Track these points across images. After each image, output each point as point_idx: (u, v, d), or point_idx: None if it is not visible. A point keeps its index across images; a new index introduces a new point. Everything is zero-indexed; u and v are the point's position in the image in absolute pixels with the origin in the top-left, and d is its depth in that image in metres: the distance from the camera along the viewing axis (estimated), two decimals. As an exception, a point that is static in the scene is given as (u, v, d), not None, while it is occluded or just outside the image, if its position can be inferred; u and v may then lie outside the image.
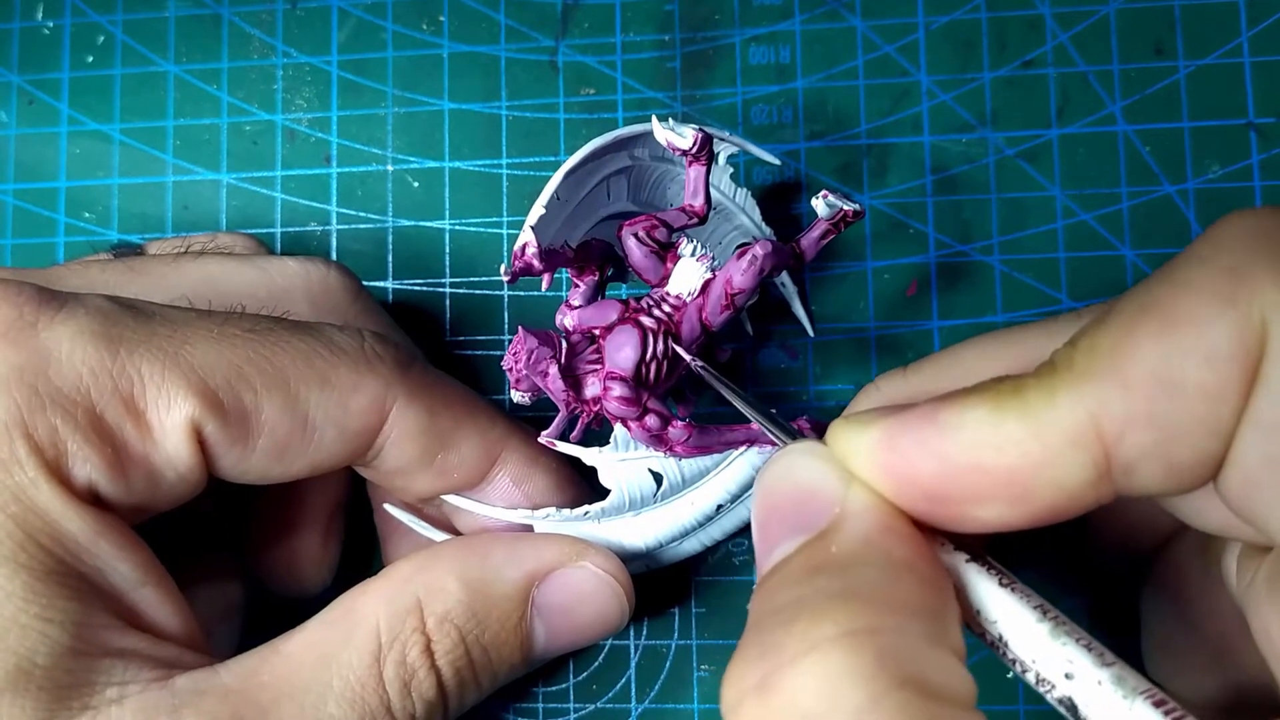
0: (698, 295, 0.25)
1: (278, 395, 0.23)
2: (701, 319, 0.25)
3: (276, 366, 0.23)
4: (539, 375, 0.24)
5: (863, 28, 0.30)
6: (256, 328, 0.23)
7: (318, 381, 0.23)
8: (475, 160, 0.31)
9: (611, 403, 0.25)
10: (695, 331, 0.25)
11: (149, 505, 0.23)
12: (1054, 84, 0.29)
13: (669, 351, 0.25)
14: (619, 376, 0.25)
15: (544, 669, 0.29)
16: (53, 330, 0.21)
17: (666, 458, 0.26)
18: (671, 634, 0.29)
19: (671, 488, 0.26)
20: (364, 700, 0.22)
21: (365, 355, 0.24)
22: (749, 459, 0.26)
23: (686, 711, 0.29)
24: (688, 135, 0.24)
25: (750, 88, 0.30)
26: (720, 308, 0.25)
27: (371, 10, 0.32)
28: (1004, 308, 0.29)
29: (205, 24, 0.33)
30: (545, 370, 0.24)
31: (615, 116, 0.31)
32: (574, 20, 0.31)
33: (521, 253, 0.24)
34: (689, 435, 0.25)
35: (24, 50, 0.33)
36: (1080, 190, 0.29)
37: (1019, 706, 0.28)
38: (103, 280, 0.25)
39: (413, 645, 0.23)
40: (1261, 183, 0.29)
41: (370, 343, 0.24)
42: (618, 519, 0.26)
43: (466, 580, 0.24)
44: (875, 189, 0.30)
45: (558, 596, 0.25)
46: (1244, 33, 0.29)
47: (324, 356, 0.23)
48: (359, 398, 0.24)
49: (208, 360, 0.22)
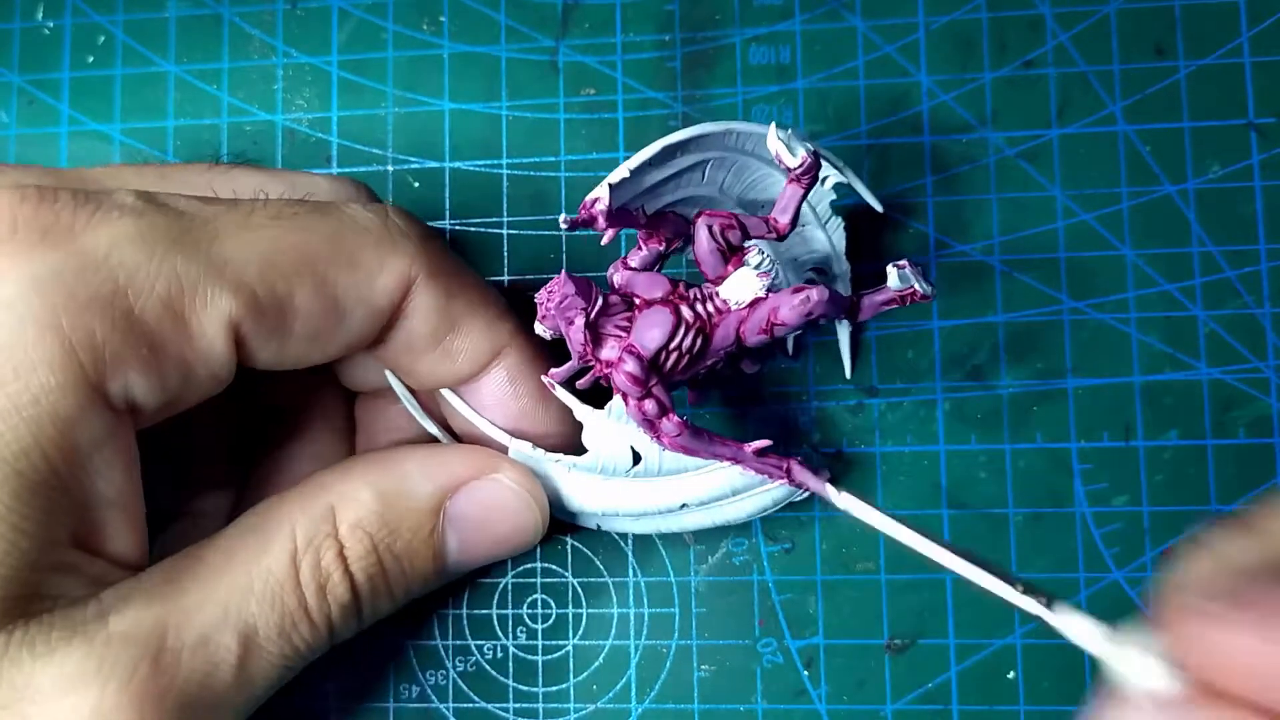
0: (744, 308, 0.25)
1: (309, 281, 0.23)
2: (738, 332, 0.25)
3: (306, 252, 0.23)
4: (565, 321, 0.24)
5: (863, 28, 0.30)
6: (282, 214, 0.23)
7: (346, 263, 0.23)
8: (475, 160, 0.31)
9: (620, 375, 0.24)
10: (729, 340, 0.25)
11: (178, 404, 0.23)
12: (1054, 84, 0.29)
13: (695, 348, 0.25)
14: (637, 353, 0.24)
15: (544, 670, 0.29)
16: (91, 233, 0.21)
17: (652, 443, 0.26)
18: (672, 634, 0.29)
19: (646, 471, 0.26)
20: (283, 601, 0.23)
21: (389, 232, 0.24)
22: (729, 474, 0.26)
23: (686, 712, 0.29)
24: (798, 155, 0.24)
25: (750, 88, 0.30)
26: (758, 330, 0.25)
27: (372, 10, 0.32)
28: (1004, 308, 0.29)
29: (205, 24, 0.33)
30: (572, 319, 0.24)
31: (616, 116, 0.31)
32: (574, 20, 0.31)
33: (590, 205, 0.24)
34: (680, 433, 0.25)
35: (24, 50, 0.33)
36: (1080, 190, 0.29)
37: (1019, 706, 0.28)
38: (137, 183, 0.25)
39: (327, 549, 0.24)
40: (1262, 183, 0.29)
41: (393, 218, 0.24)
42: (586, 476, 0.26)
43: (380, 490, 0.25)
44: (875, 189, 0.30)
45: (471, 509, 0.26)
46: (1244, 33, 0.29)
47: (350, 236, 0.24)
48: (386, 276, 0.24)
49: (241, 253, 0.22)
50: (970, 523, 0.28)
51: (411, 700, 0.30)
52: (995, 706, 0.28)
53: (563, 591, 0.30)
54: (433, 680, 0.30)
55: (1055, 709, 0.28)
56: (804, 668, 0.29)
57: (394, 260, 0.24)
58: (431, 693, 0.30)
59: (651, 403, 0.25)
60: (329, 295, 0.23)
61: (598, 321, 0.25)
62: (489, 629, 0.30)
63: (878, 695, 0.28)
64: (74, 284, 0.21)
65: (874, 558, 0.29)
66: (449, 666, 0.30)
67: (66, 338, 0.20)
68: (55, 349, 0.20)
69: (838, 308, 0.25)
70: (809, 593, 0.29)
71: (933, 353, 0.29)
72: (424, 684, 0.30)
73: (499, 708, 0.29)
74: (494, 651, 0.30)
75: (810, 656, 0.29)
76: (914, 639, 0.28)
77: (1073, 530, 0.28)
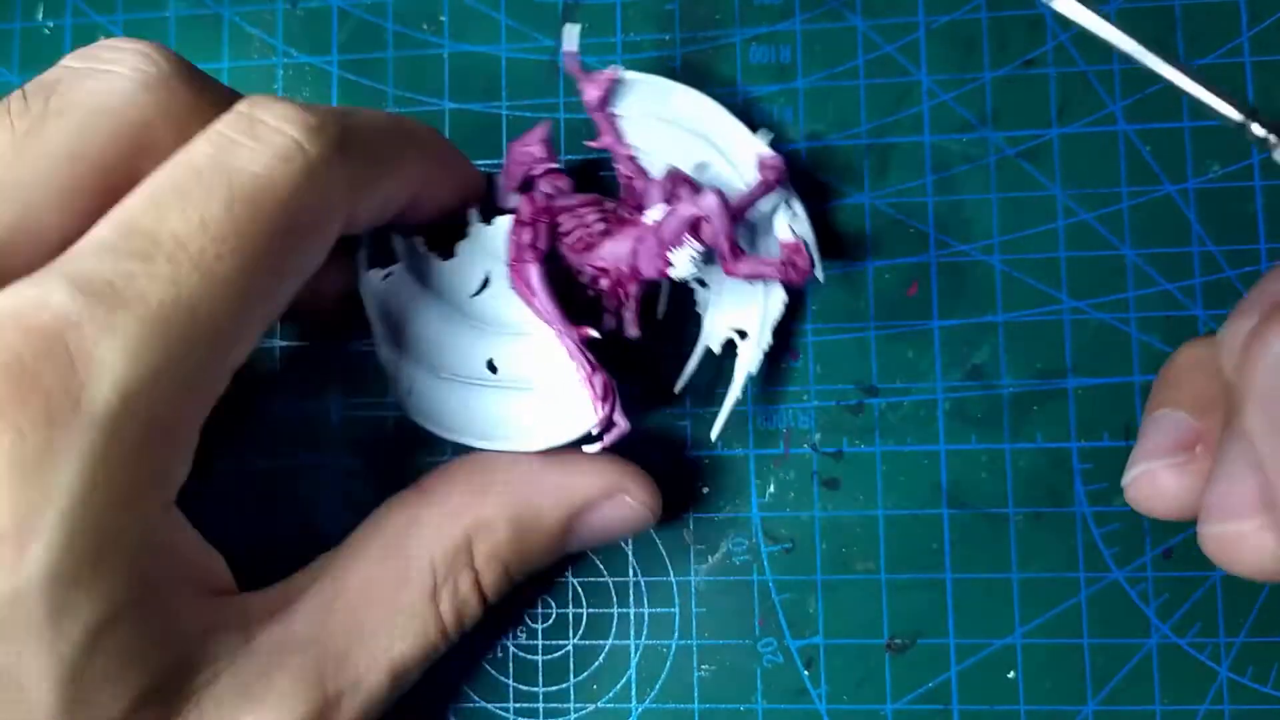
0: (646, 227, 0.26)
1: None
2: (631, 251, 0.26)
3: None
4: (518, 161, 0.28)
5: (863, 27, 0.30)
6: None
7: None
8: (476, 160, 0.31)
9: (527, 199, 0.27)
10: (621, 253, 0.27)
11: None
12: (1054, 84, 0.29)
13: (595, 231, 0.27)
14: (554, 187, 0.28)
15: (544, 669, 0.29)
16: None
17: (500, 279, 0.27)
18: (672, 634, 0.29)
19: (480, 304, 0.28)
20: (426, 635, 0.25)
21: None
22: (547, 356, 0.27)
23: (687, 711, 0.29)
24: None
25: (750, 87, 0.30)
26: (654, 253, 0.26)
27: (372, 10, 0.32)
28: (1004, 307, 0.29)
29: (205, 24, 0.33)
30: (525, 164, 0.28)
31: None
32: (575, 20, 0.31)
33: (605, 78, 0.27)
34: (533, 269, 0.26)
35: (24, 51, 0.33)
36: (1080, 190, 0.29)
37: (1019, 706, 0.28)
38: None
39: (464, 580, 0.25)
40: (1262, 182, 0.28)
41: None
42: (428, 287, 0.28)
43: (514, 519, 0.26)
44: (876, 188, 0.30)
45: (595, 525, 0.27)
46: (1245, 32, 0.29)
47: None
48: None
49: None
50: (970, 522, 0.28)
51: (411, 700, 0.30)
52: (995, 706, 0.28)
53: (562, 591, 0.30)
54: (432, 680, 0.30)
55: (1056, 709, 0.28)
56: (804, 667, 0.29)
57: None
58: (431, 692, 0.30)
59: (528, 230, 0.26)
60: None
61: (538, 177, 0.27)
62: (488, 628, 0.30)
63: (878, 695, 0.28)
64: None
65: (874, 557, 0.29)
66: (448, 666, 0.30)
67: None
68: None
69: (724, 224, 0.25)
70: (809, 592, 0.29)
71: (933, 352, 0.29)
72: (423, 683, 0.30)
73: (499, 707, 0.29)
74: (494, 651, 0.30)
75: (810, 656, 0.29)
76: (914, 639, 0.28)
77: (1073, 530, 0.28)
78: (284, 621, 0.23)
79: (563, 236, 0.27)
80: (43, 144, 0.21)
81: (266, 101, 0.22)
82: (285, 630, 0.23)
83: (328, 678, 0.23)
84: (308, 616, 0.24)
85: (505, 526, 0.26)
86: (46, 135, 0.21)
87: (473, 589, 0.25)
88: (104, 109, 0.22)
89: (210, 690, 0.22)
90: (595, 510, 0.26)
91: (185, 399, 0.20)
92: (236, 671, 0.22)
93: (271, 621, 0.23)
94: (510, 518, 0.26)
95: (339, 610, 0.24)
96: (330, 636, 0.24)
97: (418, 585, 0.25)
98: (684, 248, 0.26)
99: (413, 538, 0.25)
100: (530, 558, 0.26)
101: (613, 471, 0.26)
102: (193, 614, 0.22)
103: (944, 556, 0.28)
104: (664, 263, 0.26)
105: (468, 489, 0.26)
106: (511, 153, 0.28)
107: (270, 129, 0.21)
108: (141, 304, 0.19)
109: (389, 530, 0.26)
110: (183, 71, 0.23)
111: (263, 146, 0.21)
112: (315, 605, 0.24)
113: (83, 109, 0.22)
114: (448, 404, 0.27)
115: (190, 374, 0.20)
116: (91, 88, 0.22)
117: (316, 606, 0.24)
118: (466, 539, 0.25)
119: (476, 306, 0.28)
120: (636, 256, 0.26)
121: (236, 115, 0.22)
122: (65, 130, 0.21)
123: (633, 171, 0.28)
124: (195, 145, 0.21)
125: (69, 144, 0.21)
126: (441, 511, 0.26)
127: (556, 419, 0.26)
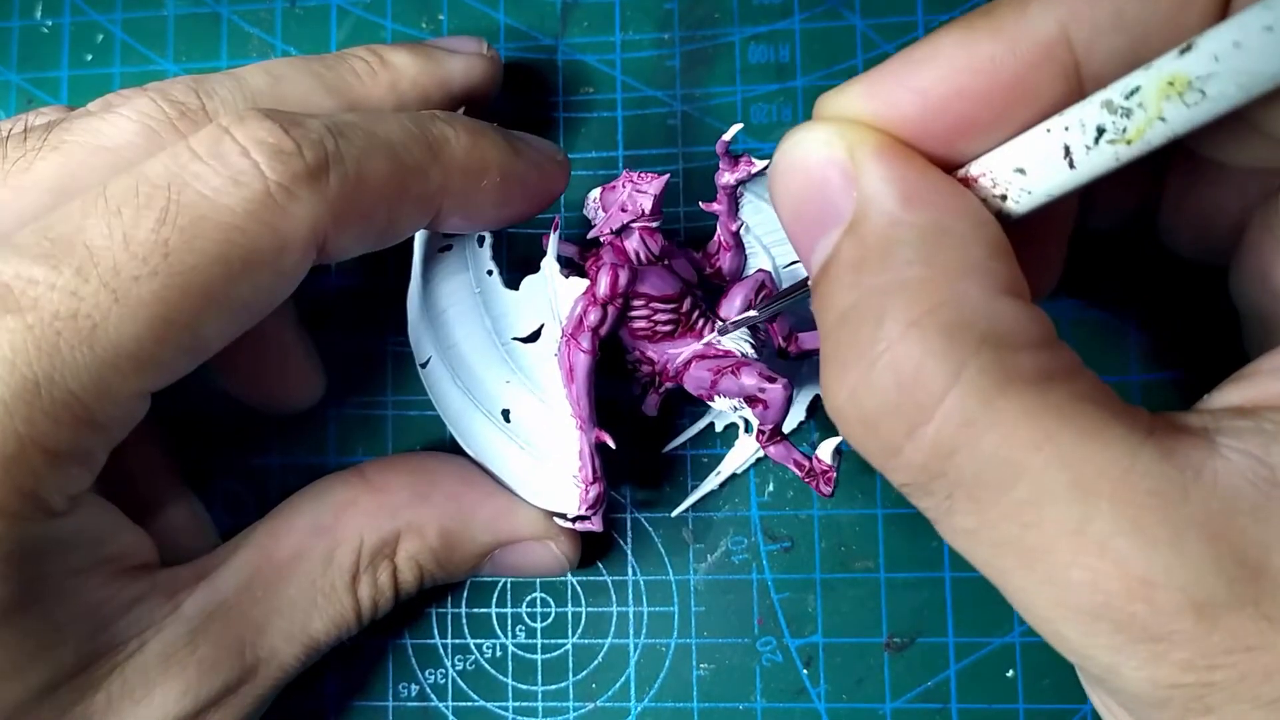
0: (707, 350, 0.26)
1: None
2: (688, 363, 0.26)
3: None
4: (625, 205, 0.26)
5: (862, 26, 0.30)
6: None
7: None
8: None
9: (608, 269, 0.25)
10: (680, 355, 0.27)
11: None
12: (1053, 83, 0.29)
13: (664, 329, 0.26)
14: (634, 269, 0.26)
15: (543, 668, 0.29)
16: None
17: (551, 337, 0.27)
18: (671, 633, 0.29)
19: (523, 354, 0.27)
20: (343, 616, 0.25)
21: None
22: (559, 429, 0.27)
23: (686, 710, 0.29)
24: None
25: (750, 86, 0.30)
26: (705, 382, 0.26)
27: (370, 8, 0.32)
28: (1003, 306, 0.29)
29: (204, 22, 0.33)
30: (627, 207, 0.26)
31: (615, 115, 0.31)
32: (573, 19, 0.31)
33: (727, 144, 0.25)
34: (586, 350, 0.26)
35: (23, 49, 0.33)
36: (1080, 189, 0.29)
37: (1018, 705, 0.28)
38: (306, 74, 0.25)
39: (383, 570, 0.26)
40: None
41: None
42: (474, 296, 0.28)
43: (446, 532, 0.26)
44: (875, 187, 0.30)
45: (513, 557, 0.27)
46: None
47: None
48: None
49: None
50: (969, 521, 0.28)
51: (411, 699, 0.30)
52: (994, 705, 0.28)
53: (562, 590, 0.30)
54: (432, 679, 0.30)
55: (1055, 707, 0.28)
56: (803, 666, 0.29)
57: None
58: (431, 691, 0.30)
59: (597, 312, 0.26)
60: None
61: (636, 228, 0.26)
62: (488, 627, 0.30)
63: (877, 693, 0.28)
64: None
65: (873, 556, 0.29)
66: (448, 665, 0.30)
67: None
68: None
69: (778, 416, 0.25)
70: (808, 591, 0.29)
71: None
72: (423, 683, 0.30)
73: (498, 706, 0.29)
74: (493, 650, 0.30)
75: (809, 655, 0.29)
76: (913, 637, 0.28)
77: (1072, 529, 0.28)
78: (210, 587, 0.24)
79: (629, 321, 0.26)
80: (31, 176, 0.22)
81: (253, 117, 0.21)
82: (211, 595, 0.24)
83: (247, 646, 0.24)
84: (234, 582, 0.24)
85: (436, 536, 0.26)
86: (36, 168, 0.22)
87: (389, 582, 0.26)
88: (101, 148, 0.22)
89: (134, 661, 0.22)
90: (521, 547, 0.27)
91: (75, 418, 0.19)
92: (162, 639, 0.23)
93: (198, 589, 0.24)
94: (443, 529, 0.26)
95: (264, 580, 0.24)
96: (254, 603, 0.24)
97: (341, 566, 0.25)
98: (732, 401, 0.26)
99: (348, 518, 0.26)
100: (448, 569, 0.27)
101: (546, 523, 0.27)
102: (111, 594, 0.22)
103: (943, 555, 0.28)
104: (708, 398, 0.26)
105: (411, 488, 0.26)
106: (625, 192, 0.26)
107: (235, 148, 0.20)
108: (34, 311, 0.19)
109: (325, 504, 0.26)
110: (190, 114, 0.23)
111: (219, 167, 0.20)
112: (242, 572, 0.24)
113: (81, 148, 0.22)
114: (455, 405, 0.27)
115: (83, 393, 0.19)
116: (92, 126, 0.22)
117: (243, 573, 0.24)
118: (396, 534, 0.26)
119: (517, 347, 0.27)
120: (688, 368, 0.26)
121: (211, 129, 0.21)
122: (55, 165, 0.22)
123: (729, 244, 0.27)
124: (157, 158, 0.20)
125: (57, 178, 0.22)
126: (381, 501, 0.26)
127: (542, 488, 0.27)
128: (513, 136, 0.25)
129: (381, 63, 0.26)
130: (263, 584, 0.24)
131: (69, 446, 0.20)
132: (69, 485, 0.20)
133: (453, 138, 0.23)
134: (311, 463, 0.31)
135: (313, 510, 0.26)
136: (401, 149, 0.22)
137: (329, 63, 0.25)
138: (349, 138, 0.21)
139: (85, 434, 0.20)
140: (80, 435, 0.20)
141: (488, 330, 0.27)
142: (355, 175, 0.21)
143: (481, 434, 0.27)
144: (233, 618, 0.24)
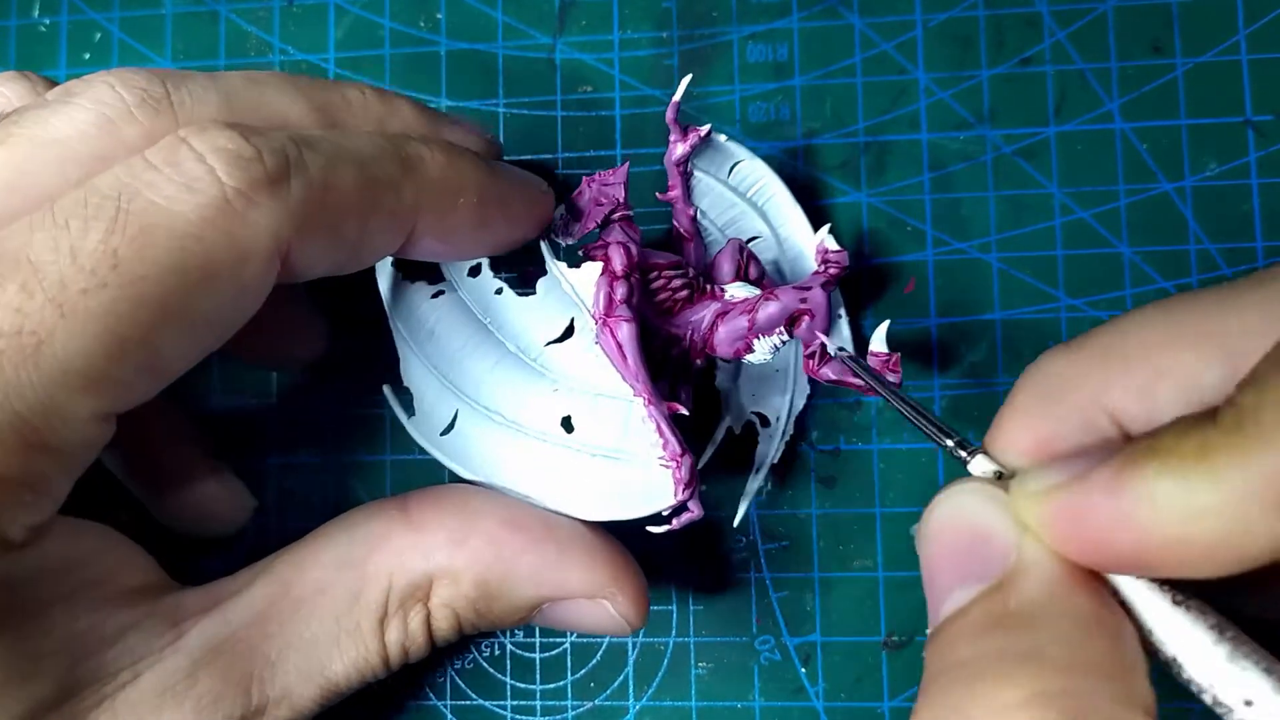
0: (730, 304, 0.26)
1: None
2: (711, 326, 0.25)
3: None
4: (595, 199, 0.25)
5: (860, 25, 0.30)
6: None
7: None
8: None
9: (617, 248, 0.25)
10: (702, 322, 0.26)
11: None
12: (1052, 81, 0.29)
13: (680, 295, 0.26)
14: (638, 243, 0.25)
15: (541, 667, 0.29)
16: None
17: (586, 331, 0.26)
18: (669, 631, 0.29)
19: (559, 358, 0.26)
20: (366, 660, 0.23)
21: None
22: (621, 429, 0.25)
23: (684, 709, 0.29)
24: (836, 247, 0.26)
25: (748, 85, 0.30)
26: (736, 336, 0.25)
27: (368, 7, 0.32)
28: (1001, 305, 0.29)
29: (202, 21, 0.33)
30: (601, 201, 0.25)
31: (613, 114, 0.31)
32: (571, 17, 0.31)
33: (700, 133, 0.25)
34: (625, 326, 0.24)
35: (21, 48, 0.33)
36: (1078, 188, 0.29)
37: (1016, 703, 0.28)
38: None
39: (415, 616, 0.23)
40: (1259, 180, 0.29)
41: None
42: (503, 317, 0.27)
43: (483, 582, 0.23)
44: (873, 186, 0.30)
45: (563, 614, 0.24)
46: (1241, 30, 0.29)
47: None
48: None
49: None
50: (967, 520, 0.28)
51: (410, 698, 0.30)
52: (992, 703, 0.28)
53: (560, 589, 0.30)
54: (431, 678, 0.30)
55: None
56: (801, 665, 0.29)
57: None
58: (430, 690, 0.30)
59: (623, 285, 0.24)
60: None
61: (615, 221, 0.25)
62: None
63: (875, 692, 0.28)
64: None
65: (871, 555, 0.29)
66: (447, 664, 0.30)
67: None
68: None
69: (825, 320, 0.25)
70: (806, 590, 0.29)
71: (930, 350, 0.29)
72: (422, 682, 0.30)
73: (497, 705, 0.29)
74: (492, 649, 0.30)
75: (808, 653, 0.29)
76: (912, 636, 0.28)
77: (1070, 527, 0.28)
78: (219, 618, 0.22)
79: (651, 296, 0.26)
80: None
81: (215, 127, 0.20)
82: (220, 626, 0.22)
83: (256, 684, 0.22)
84: (247, 613, 0.22)
85: (471, 585, 0.23)
86: None
87: (422, 627, 0.24)
88: (51, 140, 0.21)
89: (125, 693, 0.21)
90: (573, 605, 0.24)
91: (24, 442, 0.18)
92: (160, 671, 0.21)
93: (206, 618, 0.22)
94: (478, 579, 0.23)
95: (281, 613, 0.23)
96: (267, 639, 0.22)
97: (368, 609, 0.23)
98: (771, 337, 0.25)
99: (378, 553, 0.23)
100: (489, 619, 0.24)
101: (605, 572, 0.24)
102: (96, 622, 0.21)
103: (941, 554, 0.28)
104: (745, 347, 0.25)
105: (448, 530, 0.24)
106: (593, 190, 0.26)
107: (190, 155, 0.19)
108: None
109: (357, 537, 0.24)
110: (151, 102, 0.21)
111: (172, 173, 0.19)
112: (257, 603, 0.23)
113: (28, 141, 0.21)
114: (499, 450, 0.25)
115: (31, 415, 0.18)
116: (41, 118, 0.21)
117: (258, 604, 0.23)
118: (429, 579, 0.23)
119: (552, 355, 0.26)
120: (715, 331, 0.25)
121: (169, 139, 0.20)
122: (3, 161, 0.21)
123: (690, 232, 0.27)
124: (111, 170, 0.19)
125: (2, 173, 0.21)
126: (415, 540, 0.24)
127: (632, 493, 0.25)
128: (493, 163, 0.24)
129: (379, 98, 0.24)
130: (279, 617, 0.22)
131: (19, 473, 0.19)
132: (25, 515, 0.19)
133: (427, 155, 0.22)
134: (312, 463, 0.31)
135: (344, 542, 0.24)
136: (371, 161, 0.21)
137: (321, 84, 0.24)
138: (315, 148, 0.21)
139: (37, 459, 0.19)
140: (31, 460, 0.19)
141: (514, 354, 0.26)
142: (320, 184, 0.20)
143: (539, 465, 0.25)
144: (242, 651, 0.22)
